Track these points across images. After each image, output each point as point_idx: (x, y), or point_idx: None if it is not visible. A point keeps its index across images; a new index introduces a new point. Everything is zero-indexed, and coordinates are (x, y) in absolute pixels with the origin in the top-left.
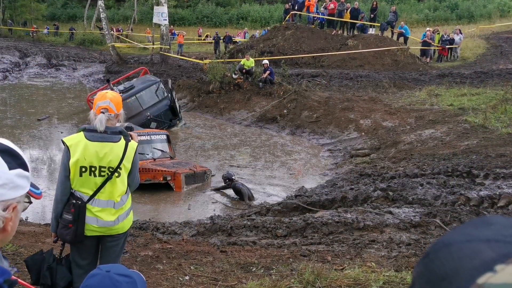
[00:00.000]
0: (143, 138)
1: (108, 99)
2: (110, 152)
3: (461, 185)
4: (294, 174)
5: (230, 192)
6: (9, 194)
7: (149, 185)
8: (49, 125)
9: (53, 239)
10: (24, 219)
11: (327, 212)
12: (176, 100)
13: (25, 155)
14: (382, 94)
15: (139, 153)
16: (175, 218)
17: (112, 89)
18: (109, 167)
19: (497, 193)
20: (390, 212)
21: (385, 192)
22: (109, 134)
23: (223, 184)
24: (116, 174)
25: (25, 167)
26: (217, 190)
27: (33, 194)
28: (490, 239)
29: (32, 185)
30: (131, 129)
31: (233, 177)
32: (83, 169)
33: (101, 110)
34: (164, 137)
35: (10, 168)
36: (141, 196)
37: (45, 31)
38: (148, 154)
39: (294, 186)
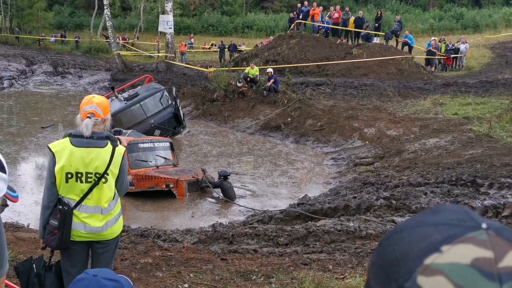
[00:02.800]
0: (146, 145)
1: (95, 103)
2: (97, 157)
3: (465, 194)
4: (297, 183)
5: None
6: None
7: (152, 193)
8: (53, 133)
9: (41, 245)
10: (25, 226)
11: (329, 220)
12: (180, 108)
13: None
14: (386, 103)
15: (142, 160)
16: (177, 226)
17: (116, 97)
18: (95, 173)
19: (502, 202)
20: (393, 221)
21: (388, 201)
22: (95, 140)
23: (216, 180)
24: (103, 180)
25: (2, 170)
26: (208, 186)
27: (9, 197)
28: (437, 223)
29: (9, 188)
30: (120, 132)
31: (228, 176)
32: (69, 175)
33: (88, 115)
34: (168, 144)
35: None
36: (144, 204)
37: (52, 39)
38: (151, 162)
39: (297, 195)
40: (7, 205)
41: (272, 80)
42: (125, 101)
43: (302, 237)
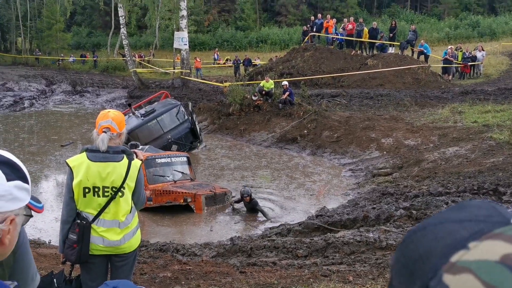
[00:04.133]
0: (163, 160)
1: (110, 118)
2: (113, 171)
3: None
4: (315, 195)
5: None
6: (7, 206)
7: (170, 207)
8: (72, 151)
9: (61, 260)
10: (47, 242)
11: (348, 231)
12: (196, 123)
13: (26, 168)
14: (403, 112)
15: (160, 175)
16: (196, 240)
17: (133, 113)
18: (112, 187)
19: None
20: None
21: (408, 211)
22: (111, 154)
23: (239, 199)
24: (120, 193)
25: (25, 180)
26: (234, 205)
27: (33, 207)
28: (463, 220)
29: (34, 198)
30: (136, 146)
31: (250, 193)
32: (87, 190)
33: (103, 130)
34: (185, 159)
35: (8, 180)
36: (162, 219)
37: (71, 59)
38: (168, 176)
39: (316, 207)
40: (31, 216)
41: (287, 93)
42: (142, 118)
43: (321, 248)
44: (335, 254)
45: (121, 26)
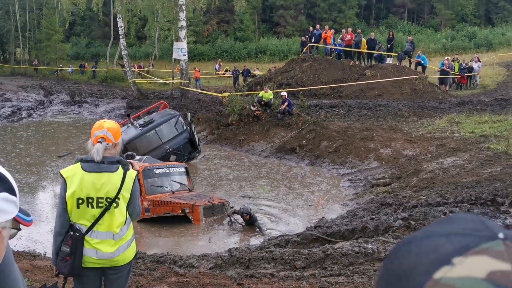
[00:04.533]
0: (161, 171)
1: (105, 128)
2: (108, 182)
3: (485, 214)
4: (313, 205)
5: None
6: None
7: (167, 218)
8: (69, 162)
9: (54, 272)
10: (42, 254)
11: (347, 242)
12: (195, 133)
13: (14, 180)
14: (401, 123)
15: (157, 186)
16: (193, 251)
17: (132, 124)
18: (106, 198)
19: None
20: None
21: (406, 222)
22: (106, 164)
23: (236, 210)
24: (114, 204)
25: (12, 192)
26: (233, 217)
27: (21, 220)
28: (449, 234)
29: (22, 211)
30: (132, 157)
31: (250, 212)
32: (80, 201)
33: (98, 140)
34: (183, 169)
35: None
36: (160, 230)
37: (69, 69)
38: (166, 187)
39: (314, 217)
40: (19, 229)
41: (286, 103)
42: (141, 128)
43: (319, 260)
44: (334, 266)
45: (120, 37)
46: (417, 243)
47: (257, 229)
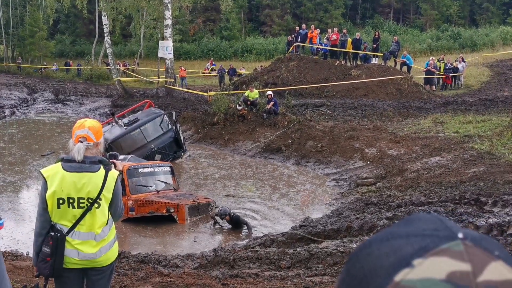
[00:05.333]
0: (146, 170)
1: (87, 127)
2: (89, 182)
3: (469, 213)
4: (299, 205)
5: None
6: None
7: (152, 218)
8: (53, 161)
9: (35, 273)
10: (24, 254)
11: (332, 242)
12: (180, 132)
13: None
14: (386, 122)
15: (142, 185)
16: (178, 251)
17: (117, 122)
18: (88, 198)
19: (506, 220)
20: None
21: (391, 221)
22: (87, 164)
23: (219, 219)
24: (96, 205)
25: None
26: (216, 218)
27: None
28: (409, 235)
29: None
30: (115, 156)
31: (229, 212)
32: (61, 201)
33: (79, 139)
34: (168, 169)
35: None
36: (145, 229)
37: (54, 67)
38: (151, 186)
39: (299, 217)
40: None
41: (272, 103)
42: (125, 127)
43: (304, 259)
44: (318, 265)
45: (105, 35)
46: (377, 245)
47: (244, 227)
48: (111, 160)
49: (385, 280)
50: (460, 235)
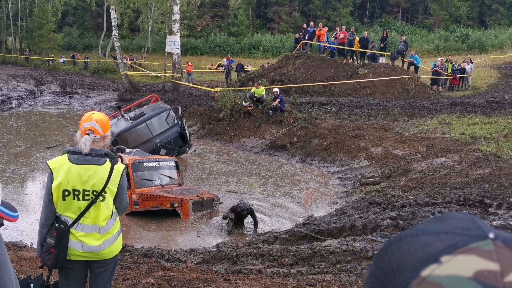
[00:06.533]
0: (151, 164)
1: (94, 120)
2: (94, 175)
3: (473, 215)
4: (303, 203)
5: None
6: None
7: (156, 212)
8: (59, 154)
9: (39, 264)
10: (28, 245)
11: (335, 240)
12: (186, 127)
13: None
14: (393, 122)
15: (147, 180)
16: (181, 245)
17: (123, 116)
18: (93, 191)
19: (511, 223)
20: None
21: (395, 221)
22: (93, 157)
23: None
24: (101, 198)
25: None
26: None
27: (4, 215)
28: (439, 232)
29: (8, 206)
30: (122, 150)
31: (248, 207)
32: (66, 193)
33: (86, 132)
34: (173, 163)
35: None
36: (148, 223)
37: (61, 60)
38: (156, 181)
39: (303, 215)
40: (2, 224)
41: (278, 100)
42: (131, 121)
43: (307, 257)
44: (321, 263)
45: (113, 28)
46: (407, 240)
47: (250, 221)
48: (117, 154)
49: (412, 274)
50: (491, 235)
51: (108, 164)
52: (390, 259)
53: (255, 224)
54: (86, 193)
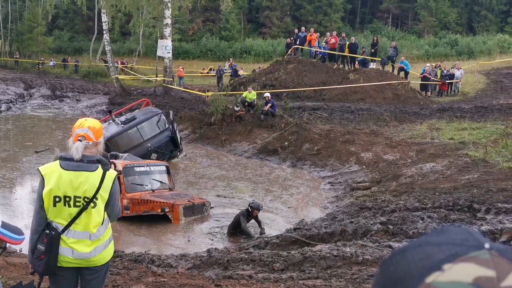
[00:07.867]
0: (142, 169)
1: (87, 126)
2: (86, 181)
3: (462, 220)
4: (293, 207)
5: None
6: None
7: (147, 217)
8: (48, 158)
9: (30, 270)
10: (18, 251)
11: (325, 245)
12: (177, 132)
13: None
14: (383, 127)
15: (137, 184)
16: (172, 251)
17: (113, 120)
18: (84, 197)
19: (499, 228)
20: (390, 246)
21: (385, 226)
22: (85, 163)
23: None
24: (92, 204)
25: None
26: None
27: (7, 239)
28: (441, 243)
29: (12, 229)
30: (115, 157)
31: (260, 207)
32: (57, 199)
33: (79, 138)
34: (164, 168)
35: None
36: (139, 228)
37: (51, 63)
38: (147, 185)
39: (294, 219)
40: (4, 248)
41: (269, 104)
42: (122, 125)
43: (298, 262)
44: (312, 269)
45: (104, 32)
46: (411, 251)
47: (259, 227)
48: (111, 160)
49: (417, 281)
50: (487, 246)
51: (100, 170)
52: (396, 268)
53: (260, 224)
54: (77, 199)
